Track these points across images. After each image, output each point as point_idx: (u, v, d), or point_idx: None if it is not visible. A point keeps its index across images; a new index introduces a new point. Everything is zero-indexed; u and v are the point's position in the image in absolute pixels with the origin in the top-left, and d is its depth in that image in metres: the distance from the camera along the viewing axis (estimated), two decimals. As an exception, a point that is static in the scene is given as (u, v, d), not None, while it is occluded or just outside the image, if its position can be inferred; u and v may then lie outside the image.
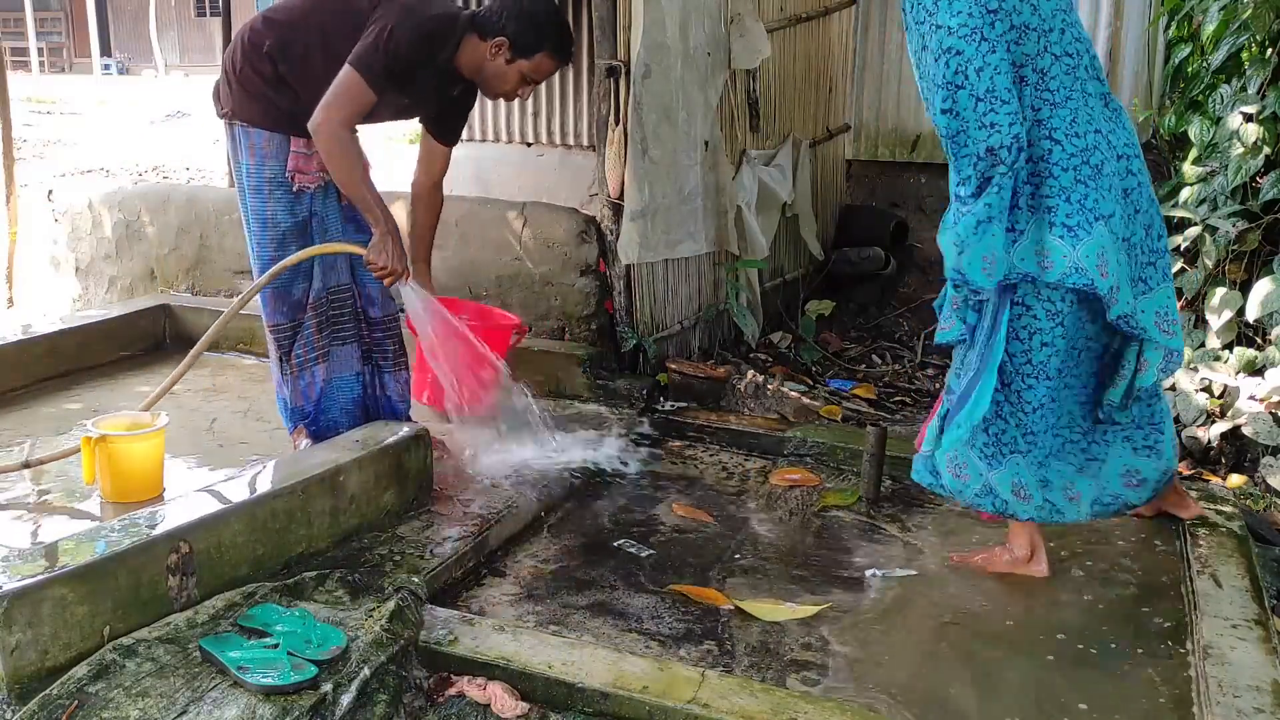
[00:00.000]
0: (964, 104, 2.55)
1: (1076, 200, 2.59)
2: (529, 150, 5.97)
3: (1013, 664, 2.51)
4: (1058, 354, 2.68)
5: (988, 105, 2.55)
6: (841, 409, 4.24)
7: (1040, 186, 2.63)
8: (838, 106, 5.88)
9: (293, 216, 3.12)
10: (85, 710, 2.00)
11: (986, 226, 2.58)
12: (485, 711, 2.23)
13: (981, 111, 2.55)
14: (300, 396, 3.24)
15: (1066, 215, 2.60)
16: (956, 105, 2.56)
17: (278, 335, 3.21)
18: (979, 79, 2.54)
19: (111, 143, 12.32)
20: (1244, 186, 4.11)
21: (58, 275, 5.38)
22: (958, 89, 2.55)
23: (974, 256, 2.59)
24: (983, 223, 2.58)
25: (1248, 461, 3.73)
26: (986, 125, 2.55)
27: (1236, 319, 3.94)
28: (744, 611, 2.70)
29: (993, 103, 2.55)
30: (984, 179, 2.59)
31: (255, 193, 3.11)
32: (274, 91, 3.07)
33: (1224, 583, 2.72)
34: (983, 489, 2.81)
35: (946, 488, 2.87)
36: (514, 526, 3.08)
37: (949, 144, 2.62)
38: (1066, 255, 2.59)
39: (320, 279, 3.20)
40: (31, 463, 3.11)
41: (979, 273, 2.60)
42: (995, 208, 2.58)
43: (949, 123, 2.59)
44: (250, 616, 2.33)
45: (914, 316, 5.63)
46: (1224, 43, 4.32)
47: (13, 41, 23.86)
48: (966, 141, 2.58)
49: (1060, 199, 2.61)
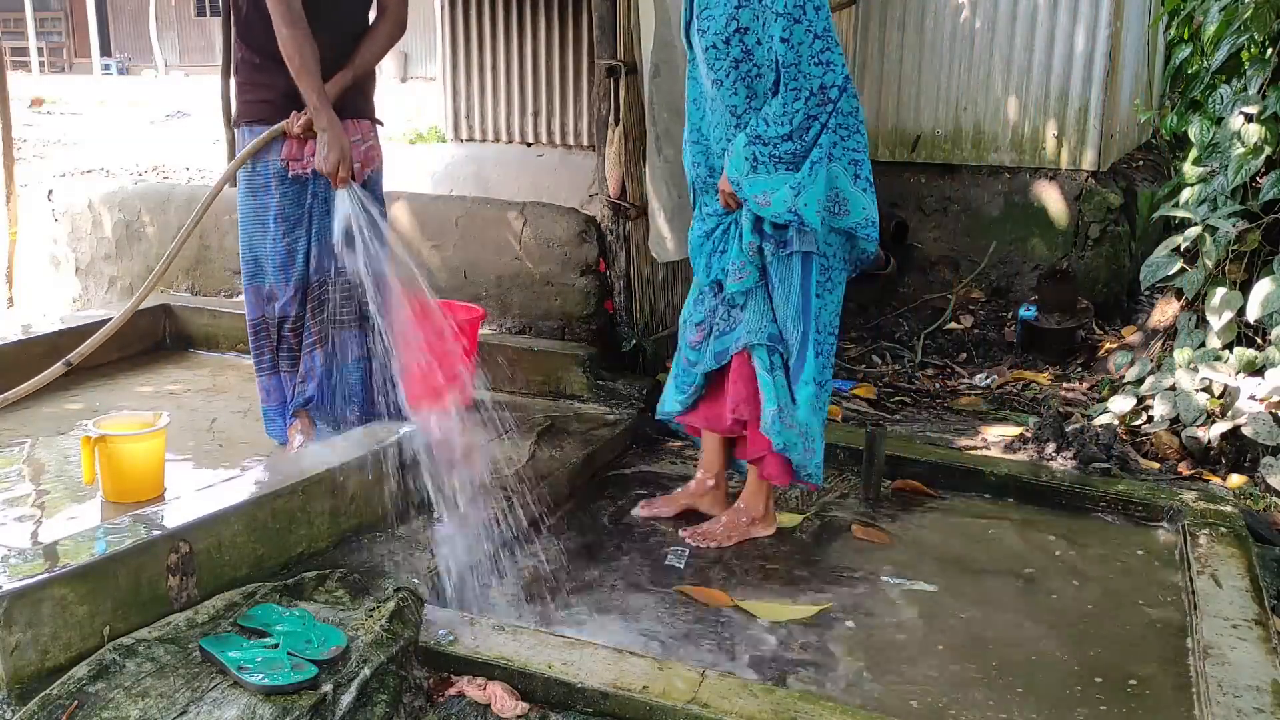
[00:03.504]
0: (799, 37, 2.63)
1: (869, 159, 2.83)
2: (529, 150, 5.98)
3: (1012, 664, 2.50)
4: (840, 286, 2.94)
5: (824, 44, 2.64)
6: (841, 409, 4.24)
7: (848, 139, 2.79)
8: (838, 106, 5.87)
9: (299, 206, 3.16)
10: (85, 710, 2.00)
11: (819, 169, 2.71)
12: (485, 711, 2.23)
13: (818, 49, 2.63)
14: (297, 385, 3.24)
15: (869, 172, 2.83)
16: (792, 38, 2.64)
17: (255, 329, 3.25)
18: (817, 16, 2.64)
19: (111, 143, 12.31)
20: (1244, 186, 4.11)
21: (58, 275, 5.38)
22: (795, 22, 2.63)
23: (810, 198, 2.72)
24: (819, 164, 2.71)
25: (1248, 461, 3.72)
26: (822, 63, 2.63)
27: (1237, 319, 3.94)
28: (744, 611, 2.70)
29: (828, 41, 2.65)
30: (808, 118, 2.68)
31: (264, 190, 3.15)
32: (257, 75, 3.12)
33: (1224, 583, 2.72)
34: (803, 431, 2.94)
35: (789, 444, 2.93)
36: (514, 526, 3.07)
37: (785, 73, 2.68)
38: (866, 208, 2.83)
39: (315, 264, 3.20)
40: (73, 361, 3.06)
41: (815, 213, 2.74)
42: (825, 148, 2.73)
43: (786, 52, 2.66)
44: (250, 616, 2.33)
45: (914, 316, 5.63)
46: (1224, 43, 4.32)
47: (13, 41, 23.86)
48: (798, 75, 2.65)
49: (863, 156, 2.82)
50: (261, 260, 3.21)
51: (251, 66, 3.15)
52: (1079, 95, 5.51)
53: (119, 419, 3.09)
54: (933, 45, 5.80)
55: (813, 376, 2.92)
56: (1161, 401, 3.93)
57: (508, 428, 3.52)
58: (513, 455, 3.48)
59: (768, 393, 2.92)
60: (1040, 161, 5.66)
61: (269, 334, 3.25)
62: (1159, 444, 3.85)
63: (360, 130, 3.18)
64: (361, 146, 3.17)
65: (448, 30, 6.68)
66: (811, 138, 2.73)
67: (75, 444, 3.08)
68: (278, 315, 3.21)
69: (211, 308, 4.59)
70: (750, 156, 2.78)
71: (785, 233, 2.83)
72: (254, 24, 3.08)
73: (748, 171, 2.79)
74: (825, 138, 2.73)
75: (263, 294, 3.22)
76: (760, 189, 2.79)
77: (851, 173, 2.82)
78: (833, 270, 2.92)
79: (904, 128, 5.95)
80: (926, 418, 4.33)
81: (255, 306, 3.25)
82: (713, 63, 2.80)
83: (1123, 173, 5.95)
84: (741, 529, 3.10)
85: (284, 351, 3.25)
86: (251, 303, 3.26)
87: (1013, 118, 5.69)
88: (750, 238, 2.86)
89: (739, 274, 2.93)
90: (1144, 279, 4.30)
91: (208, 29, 25.71)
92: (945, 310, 5.59)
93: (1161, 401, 3.93)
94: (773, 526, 3.14)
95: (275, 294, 3.20)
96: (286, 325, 3.22)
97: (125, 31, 27.53)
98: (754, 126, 2.77)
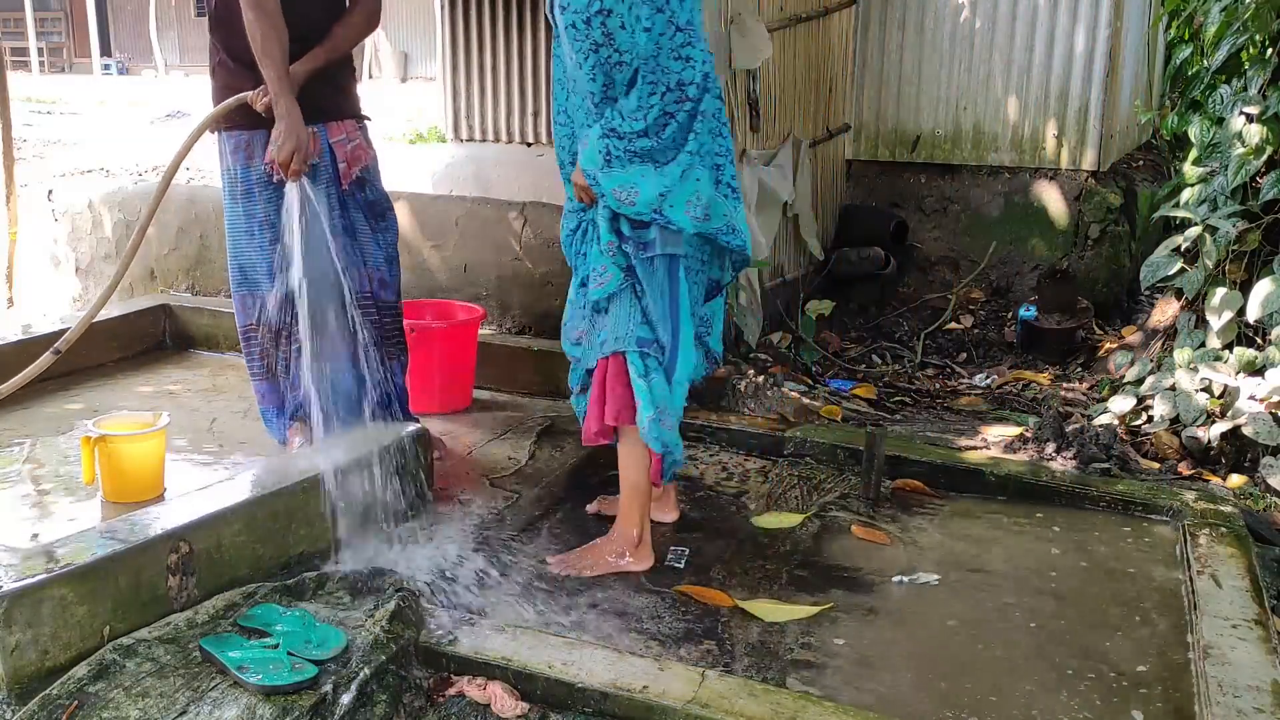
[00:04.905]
0: (661, 27, 2.52)
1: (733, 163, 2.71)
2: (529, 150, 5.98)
3: (1012, 665, 2.50)
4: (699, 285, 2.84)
5: (686, 37, 2.52)
6: (841, 409, 4.24)
7: (713, 141, 2.67)
8: (838, 106, 5.87)
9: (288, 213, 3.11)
10: (85, 710, 2.00)
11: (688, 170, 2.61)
12: (485, 711, 2.23)
13: (679, 42, 2.52)
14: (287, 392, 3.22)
15: (731, 176, 2.71)
16: (654, 28, 2.53)
17: (246, 336, 3.22)
18: (681, 7, 2.52)
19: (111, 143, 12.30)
20: (1244, 186, 4.11)
21: (58, 275, 5.38)
22: (657, 11, 2.52)
23: (679, 199, 2.61)
24: (690, 167, 2.60)
25: (1248, 461, 3.72)
26: (682, 58, 2.52)
27: (1237, 319, 3.94)
28: (744, 611, 2.70)
29: (690, 35, 2.53)
30: (664, 114, 2.57)
31: (247, 196, 3.11)
32: (233, 80, 3.05)
33: (1224, 583, 2.72)
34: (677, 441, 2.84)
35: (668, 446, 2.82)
36: (514, 526, 3.08)
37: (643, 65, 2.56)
38: (727, 214, 2.70)
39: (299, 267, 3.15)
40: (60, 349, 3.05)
41: (683, 214, 2.63)
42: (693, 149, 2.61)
43: (645, 42, 2.54)
44: (250, 616, 2.33)
45: (914, 316, 5.63)
46: (1224, 43, 4.32)
47: (13, 41, 23.84)
48: (656, 69, 2.55)
49: (726, 160, 2.69)
50: (247, 268, 3.17)
51: (227, 70, 3.09)
52: (1079, 95, 5.51)
53: (119, 419, 3.09)
54: (933, 45, 5.80)
55: (687, 375, 2.79)
56: (1161, 401, 3.93)
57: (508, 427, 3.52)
58: (513, 455, 3.48)
59: (643, 399, 2.76)
60: (1040, 161, 5.66)
61: (260, 340, 3.22)
62: (1159, 444, 3.85)
63: (345, 130, 3.13)
64: (347, 146, 3.12)
65: (448, 30, 6.67)
66: (670, 136, 2.59)
67: (75, 444, 3.08)
68: (268, 322, 3.17)
69: (211, 308, 4.59)
70: (604, 150, 2.62)
71: (647, 233, 2.68)
72: (229, 25, 3.01)
73: (602, 165, 2.64)
74: (693, 139, 2.60)
75: (251, 301, 3.18)
76: (618, 183, 2.63)
77: (713, 177, 2.68)
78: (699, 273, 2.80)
79: (904, 128, 5.95)
80: (926, 418, 4.33)
81: (244, 314, 3.22)
82: (573, 42, 2.60)
83: (1123, 173, 5.95)
84: (605, 563, 2.88)
85: (279, 357, 3.22)
86: (240, 310, 3.22)
87: (1013, 118, 5.69)
88: (608, 236, 2.71)
89: (600, 278, 2.77)
90: (1144, 279, 4.31)
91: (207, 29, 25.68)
92: (945, 310, 5.59)
93: (1161, 401, 3.93)
94: (647, 561, 2.89)
95: (264, 301, 3.15)
96: (279, 332, 3.18)
97: (125, 31, 27.51)
98: (609, 119, 2.61)
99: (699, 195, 2.64)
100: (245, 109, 3.04)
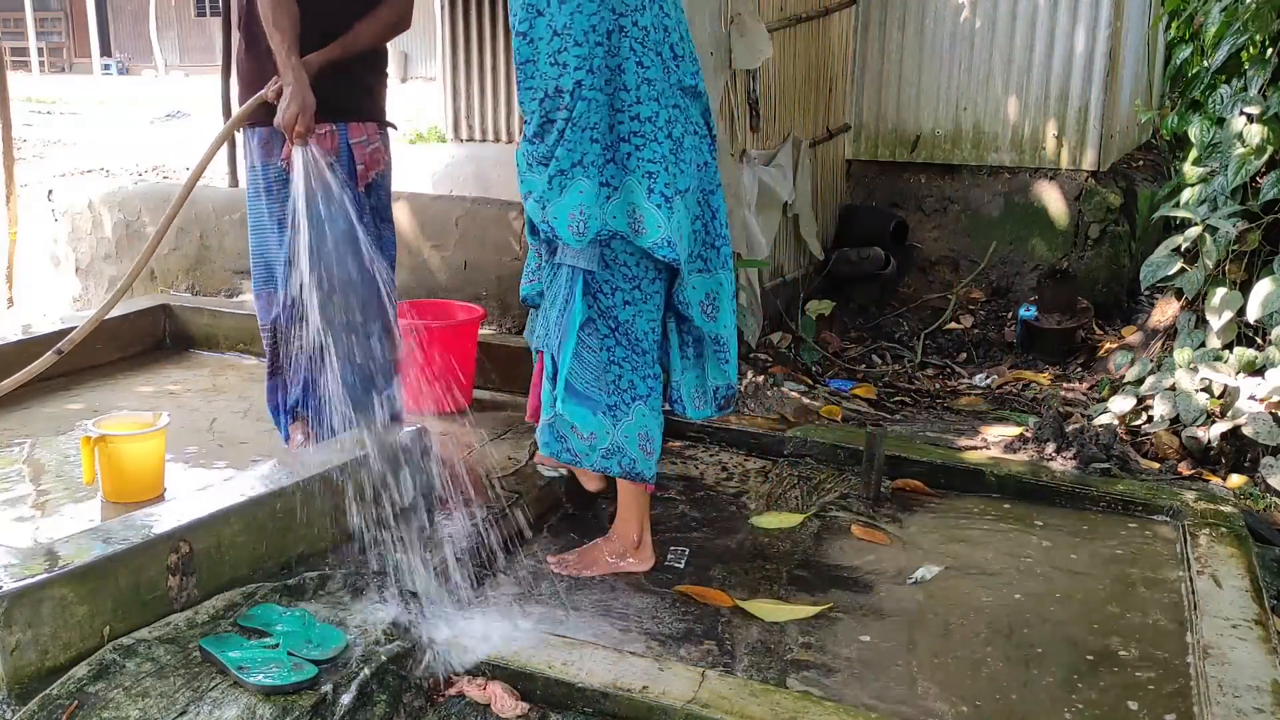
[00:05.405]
0: (539, 31, 2.49)
1: (672, 171, 2.58)
2: (529, 150, 5.98)
3: (1012, 665, 2.50)
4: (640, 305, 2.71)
5: (562, 42, 2.47)
6: (841, 409, 4.24)
7: (643, 149, 2.58)
8: (838, 106, 5.88)
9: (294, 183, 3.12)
10: (85, 710, 2.00)
11: (566, 181, 2.54)
12: (485, 711, 2.23)
13: (555, 47, 2.48)
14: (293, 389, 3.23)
15: (665, 185, 2.58)
16: (532, 31, 2.50)
17: (267, 333, 3.23)
18: (560, 10, 2.47)
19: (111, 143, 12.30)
20: (1244, 186, 4.11)
21: (58, 275, 5.38)
22: (537, 14, 2.49)
23: (559, 211, 2.56)
24: (558, 176, 2.54)
25: (1248, 461, 3.73)
26: (558, 63, 2.48)
27: (1237, 319, 3.95)
28: (744, 611, 2.70)
29: (567, 40, 2.47)
30: (546, 119, 2.54)
31: (266, 193, 3.12)
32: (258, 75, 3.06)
33: (1224, 583, 2.73)
34: (610, 448, 2.74)
35: (573, 451, 2.79)
36: (514, 526, 3.08)
37: (519, 71, 2.55)
38: (661, 226, 2.58)
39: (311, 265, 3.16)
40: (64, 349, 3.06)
41: (566, 229, 2.57)
42: (565, 160, 2.53)
43: (520, 46, 2.52)
44: (250, 616, 2.33)
45: (914, 316, 5.63)
46: (1224, 43, 4.32)
47: (13, 41, 23.85)
48: (534, 74, 2.53)
49: (660, 167, 2.58)
50: (273, 265, 3.17)
51: (252, 63, 3.10)
52: (1079, 95, 5.51)
53: (119, 419, 3.09)
54: (933, 45, 5.80)
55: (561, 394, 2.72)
56: (1161, 401, 3.93)
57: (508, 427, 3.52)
58: (513, 455, 3.48)
59: (545, 400, 2.81)
60: (1040, 161, 5.67)
61: (278, 337, 3.22)
62: (1159, 444, 3.85)
63: (366, 131, 3.13)
64: (366, 148, 3.13)
65: (448, 30, 6.68)
66: (551, 143, 2.55)
67: (75, 444, 3.08)
68: (285, 318, 3.18)
69: (211, 308, 4.59)
70: (524, 153, 2.66)
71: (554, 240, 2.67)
72: (255, 17, 3.02)
73: (524, 169, 2.67)
74: (562, 149, 2.52)
75: (274, 299, 3.19)
76: (525, 188, 2.67)
77: (646, 186, 2.58)
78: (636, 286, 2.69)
79: (904, 128, 5.96)
80: (926, 418, 4.33)
81: (266, 311, 3.22)
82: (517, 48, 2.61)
83: (1123, 173, 5.96)
84: (605, 564, 2.88)
85: (288, 353, 3.23)
86: (263, 308, 3.23)
87: (1013, 118, 5.69)
88: (530, 239, 2.75)
89: (531, 275, 2.84)
90: (1144, 279, 4.31)
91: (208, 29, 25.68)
92: (945, 310, 5.59)
93: (1161, 401, 3.93)
94: (647, 561, 2.88)
95: (284, 298, 3.16)
96: (290, 328, 3.19)
97: (125, 31, 27.52)
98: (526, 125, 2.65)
99: (633, 209, 2.57)
100: (266, 106, 3.05)
